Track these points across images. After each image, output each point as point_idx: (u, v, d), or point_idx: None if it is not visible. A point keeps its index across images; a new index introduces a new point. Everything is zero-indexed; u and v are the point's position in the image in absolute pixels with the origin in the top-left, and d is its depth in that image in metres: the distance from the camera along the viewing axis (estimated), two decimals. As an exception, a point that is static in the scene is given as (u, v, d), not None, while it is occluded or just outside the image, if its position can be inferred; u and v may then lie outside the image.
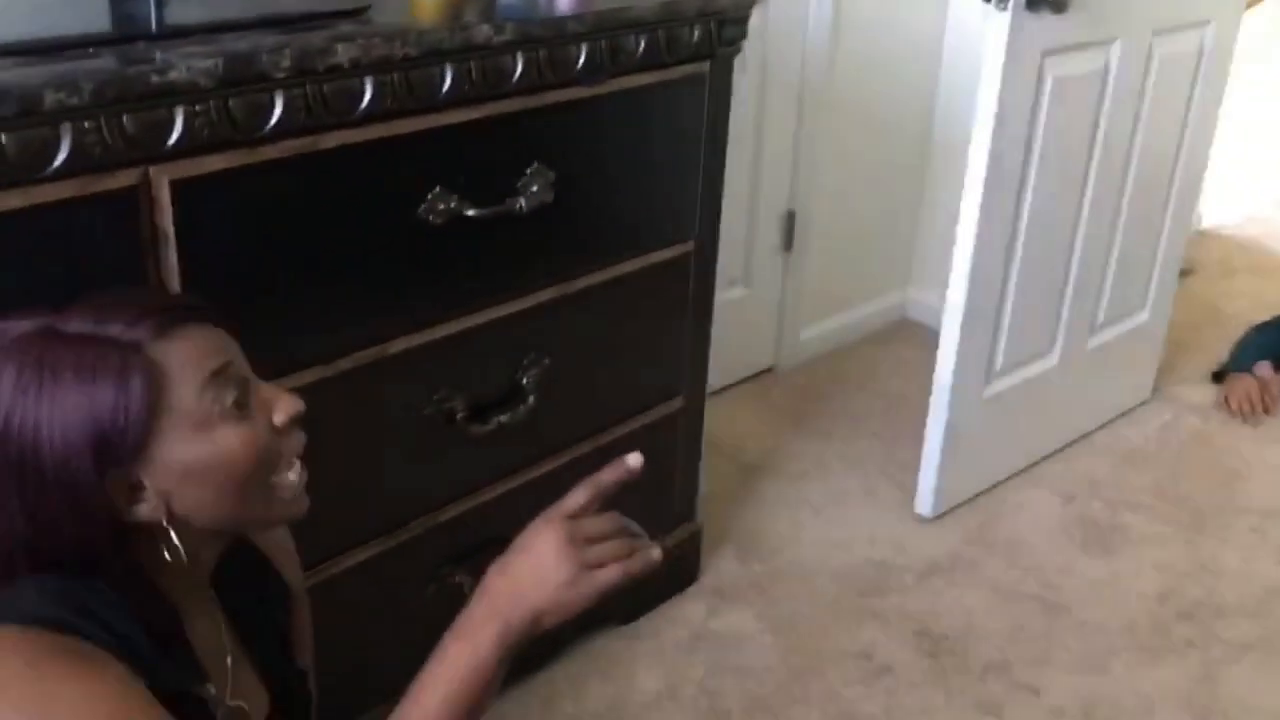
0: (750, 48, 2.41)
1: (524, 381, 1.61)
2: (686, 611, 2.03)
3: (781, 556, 2.19)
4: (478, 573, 1.64)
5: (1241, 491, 2.47)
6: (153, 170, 1.14)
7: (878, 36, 2.72)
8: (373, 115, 1.30)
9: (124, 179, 1.12)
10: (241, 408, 0.90)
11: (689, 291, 1.84)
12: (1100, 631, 2.04)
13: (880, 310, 3.10)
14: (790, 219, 2.73)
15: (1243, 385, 2.78)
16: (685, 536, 2.04)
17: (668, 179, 1.72)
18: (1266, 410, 2.74)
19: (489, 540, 1.67)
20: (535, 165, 1.50)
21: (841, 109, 2.71)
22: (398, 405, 1.47)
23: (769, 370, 2.87)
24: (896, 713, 1.84)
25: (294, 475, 0.96)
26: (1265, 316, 3.00)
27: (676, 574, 2.05)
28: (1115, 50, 2.20)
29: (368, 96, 1.29)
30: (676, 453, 1.96)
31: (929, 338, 2.78)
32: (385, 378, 1.44)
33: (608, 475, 0.95)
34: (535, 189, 1.49)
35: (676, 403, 1.91)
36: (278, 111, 1.20)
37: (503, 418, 1.58)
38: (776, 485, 2.41)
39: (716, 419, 2.60)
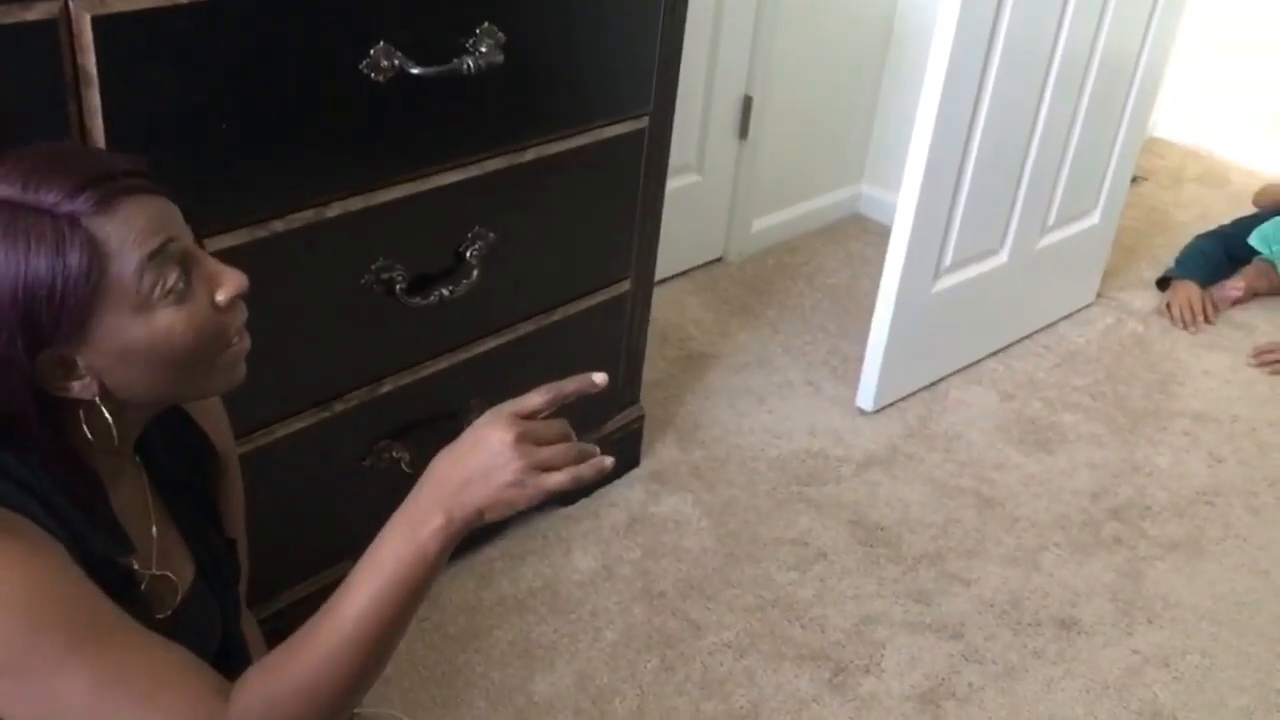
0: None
1: (468, 255, 1.56)
2: (626, 495, 2.03)
3: (722, 444, 2.19)
4: (415, 448, 1.63)
5: (1176, 396, 2.51)
6: (73, 4, 1.06)
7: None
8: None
9: (41, 10, 1.04)
10: (183, 287, 0.85)
11: (641, 169, 1.79)
12: (1032, 526, 2.07)
13: (833, 204, 3.07)
14: (747, 105, 2.67)
15: (1184, 293, 2.80)
16: (628, 421, 2.03)
17: (623, 47, 1.66)
18: (1207, 319, 2.77)
19: (428, 416, 1.65)
20: (485, 24, 1.43)
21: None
22: (334, 272, 1.43)
23: (719, 260, 2.84)
24: (828, 597, 1.87)
25: (234, 349, 0.92)
26: (1211, 226, 3.02)
27: (618, 458, 2.04)
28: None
29: (308, -58, 1.21)
30: (623, 337, 1.94)
31: (881, 233, 2.77)
32: (321, 242, 1.38)
33: (570, 385, 0.92)
34: (484, 49, 1.43)
35: (624, 286, 1.88)
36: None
37: (444, 291, 1.54)
38: (721, 374, 2.41)
39: (664, 307, 2.59)
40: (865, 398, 2.32)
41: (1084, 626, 1.86)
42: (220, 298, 0.88)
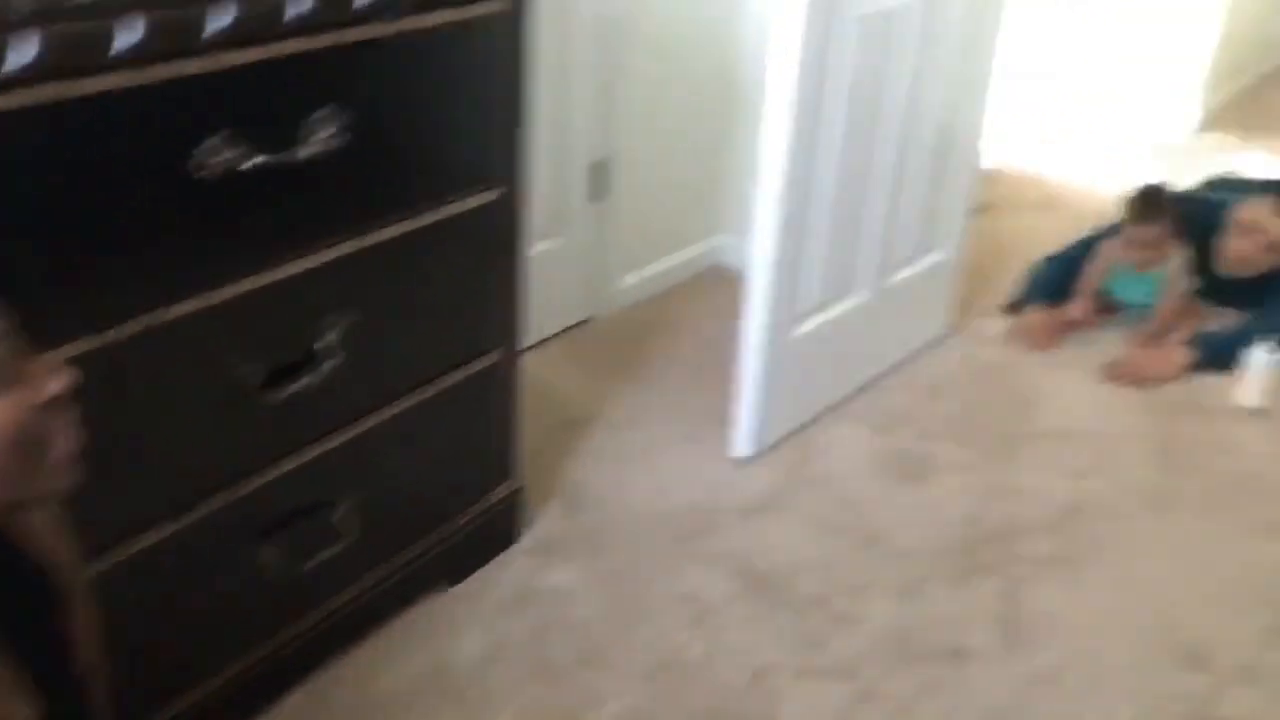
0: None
1: (324, 343, 1.52)
2: (511, 570, 2.00)
3: (607, 507, 2.18)
4: (287, 546, 1.58)
5: (1035, 417, 2.59)
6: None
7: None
8: (127, 59, 1.19)
9: None
10: (2, 385, 0.81)
11: (498, 240, 1.78)
12: (913, 557, 2.11)
13: (696, 256, 3.11)
14: (600, 167, 2.70)
15: (1035, 315, 2.91)
16: (506, 494, 2.00)
17: (468, 123, 1.66)
18: (1056, 340, 2.88)
19: (299, 511, 1.60)
20: (322, 111, 1.40)
21: (647, 51, 2.68)
22: (182, 375, 1.37)
23: (587, 321, 2.84)
24: (722, 652, 1.86)
25: (60, 452, 0.87)
26: (1052, 249, 3.15)
27: (499, 533, 2.02)
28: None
29: (120, 39, 1.17)
30: (493, 409, 1.91)
31: (741, 282, 2.80)
32: (165, 346, 1.33)
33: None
34: (322, 136, 1.40)
35: (491, 358, 1.86)
36: (17, 55, 1.08)
37: (302, 382, 1.50)
38: (599, 436, 2.40)
39: (538, 372, 2.56)
40: (741, 446, 2.34)
41: (972, 653, 1.89)
42: (44, 396, 0.84)
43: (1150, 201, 2.89)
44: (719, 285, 3.06)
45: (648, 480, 2.27)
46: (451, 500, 1.90)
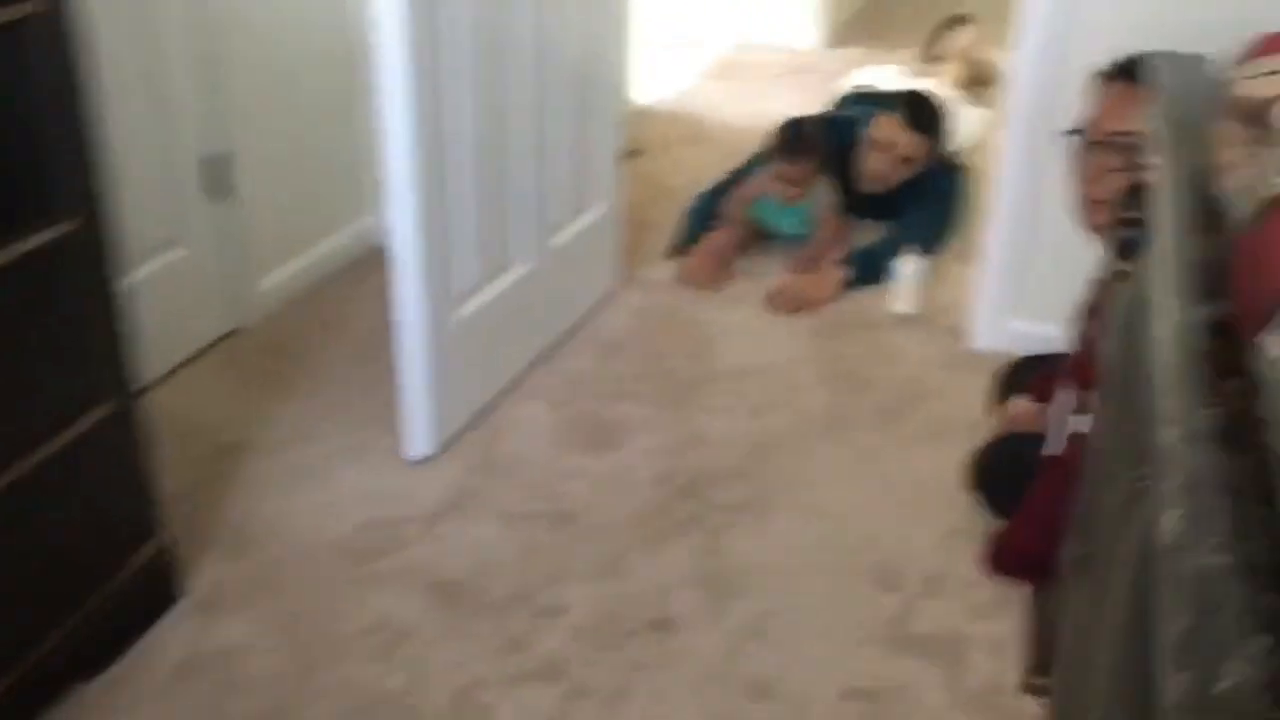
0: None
1: None
2: (172, 636, 1.78)
3: (275, 542, 1.98)
4: None
5: (714, 357, 2.59)
6: None
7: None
8: None
9: None
10: None
11: (81, 278, 1.54)
12: (609, 531, 2.05)
13: (347, 242, 2.90)
14: (218, 165, 2.43)
15: (697, 256, 2.91)
16: (152, 555, 1.77)
17: (11, 149, 1.40)
18: (722, 276, 2.90)
19: None
20: None
21: (251, 35, 2.44)
22: None
23: (232, 334, 2.59)
24: (421, 677, 1.73)
25: None
26: (706, 185, 3.17)
27: (151, 599, 1.78)
28: (512, -57, 2.12)
29: None
30: (119, 466, 1.68)
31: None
32: None
33: None
34: None
35: (101, 410, 1.62)
36: None
37: None
38: (260, 461, 2.18)
39: (182, 400, 2.32)
40: (416, 446, 2.19)
41: (678, 622, 1.85)
42: None
43: (797, 137, 2.94)
44: (379, 267, 2.87)
45: (318, 502, 2.08)
46: (85, 577, 1.66)
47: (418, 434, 2.18)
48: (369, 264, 2.84)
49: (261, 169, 2.54)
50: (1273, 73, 1.21)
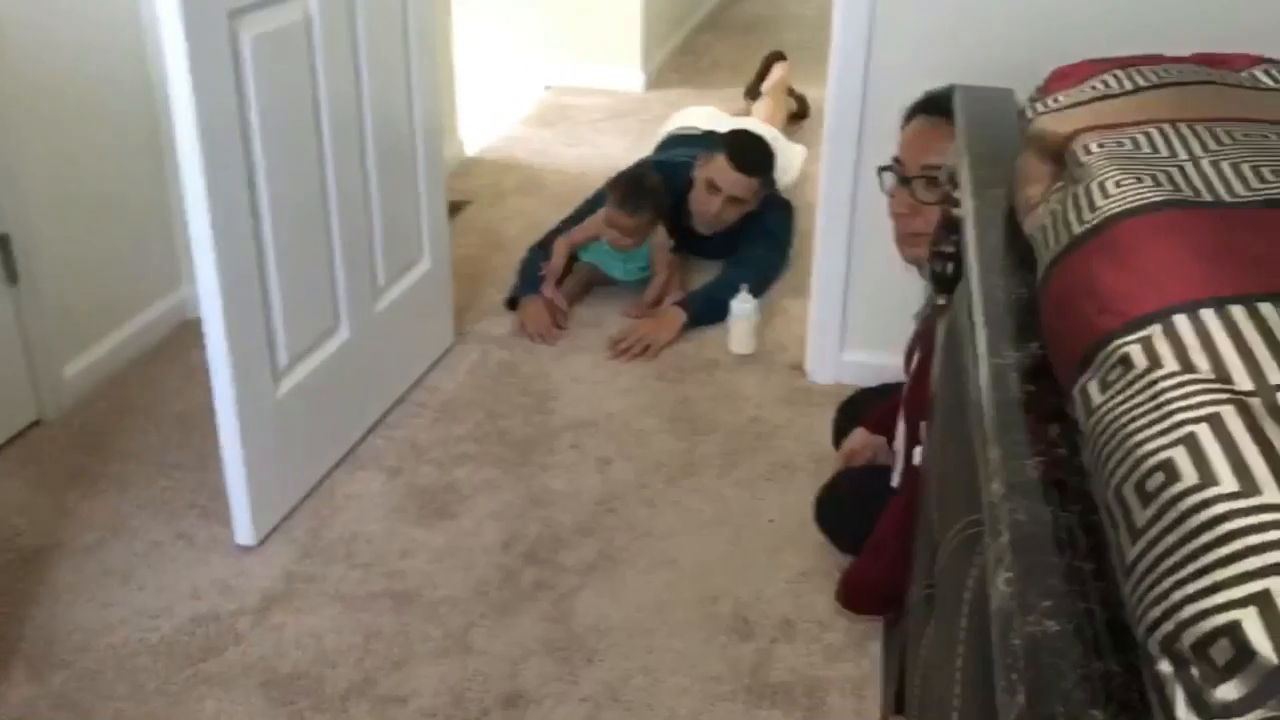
0: None
1: None
2: (-29, 773, 1.61)
3: (90, 653, 1.83)
4: None
5: (554, 412, 2.53)
6: None
7: (56, 18, 2.32)
8: None
9: None
10: None
11: None
12: (454, 606, 1.96)
13: (157, 318, 2.74)
14: (3, 244, 2.26)
15: (534, 308, 2.86)
16: (-59, 684, 1.60)
17: None
18: (559, 326, 2.85)
19: None
20: None
21: (40, 108, 2.30)
22: None
23: (35, 425, 2.40)
24: (260, 788, 1.61)
25: None
26: (540, 234, 3.12)
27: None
28: (313, 1, 2.04)
29: None
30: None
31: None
32: None
33: None
34: None
35: None
36: None
37: None
38: (70, 565, 2.02)
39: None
40: (243, 532, 2.06)
41: (530, 695, 1.78)
42: None
43: (637, 191, 2.91)
44: (194, 342, 2.72)
45: (137, 603, 1.93)
46: None
47: (243, 519, 2.05)
48: (182, 340, 2.70)
49: (53, 248, 2.38)
50: (1071, 106, 1.22)
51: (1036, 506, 0.71)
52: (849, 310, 2.57)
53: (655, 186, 2.94)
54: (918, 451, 1.66)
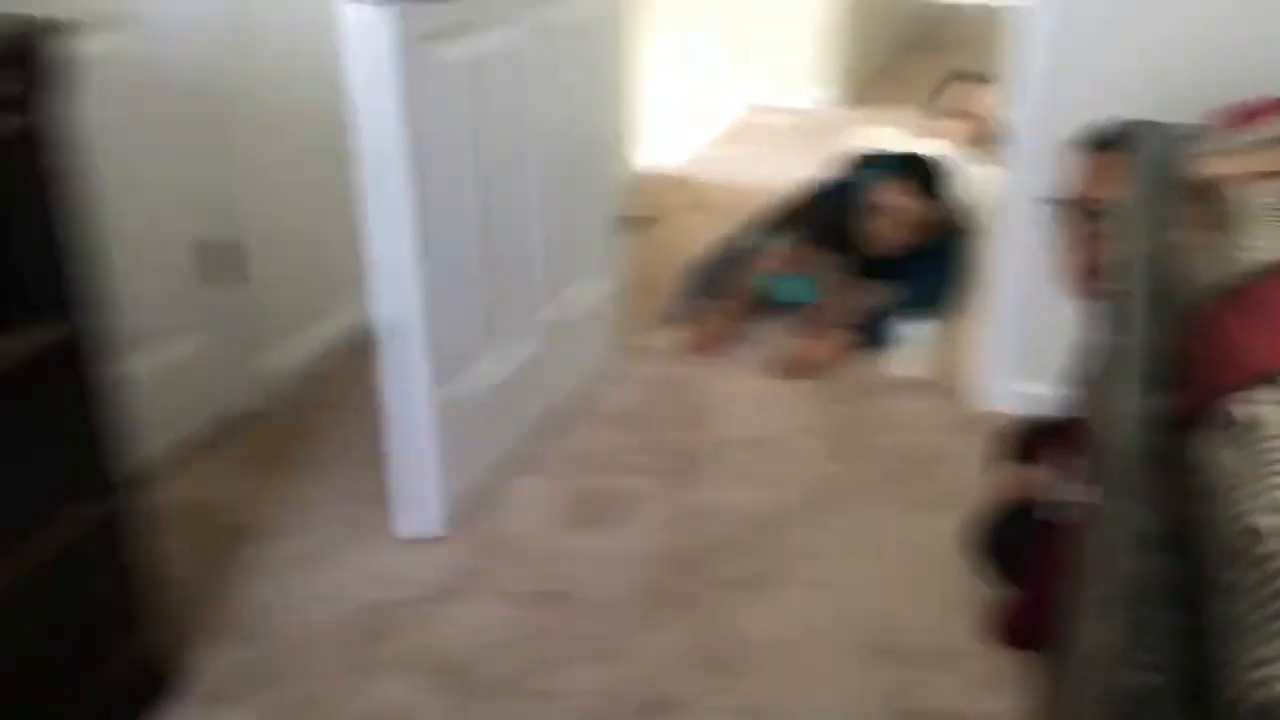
0: (129, 72, 2.14)
1: None
2: (171, 730, 1.78)
3: (277, 629, 1.99)
4: None
5: (718, 427, 2.59)
6: None
7: (274, 39, 2.52)
8: None
9: None
10: None
11: (79, 374, 1.56)
12: (610, 610, 2.03)
13: (354, 321, 2.93)
14: (225, 250, 2.48)
15: (700, 323, 2.92)
16: (150, 645, 1.77)
17: (11, 257, 1.43)
18: (725, 342, 2.90)
19: None
20: None
21: (269, 123, 2.52)
22: None
23: (245, 414, 2.61)
24: (421, 767, 1.72)
25: None
26: (711, 251, 3.18)
27: (144, 695, 1.78)
28: (495, 31, 2.16)
29: None
30: (118, 555, 1.69)
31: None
32: None
33: None
34: None
35: (102, 502, 1.64)
36: None
37: None
38: (262, 546, 2.19)
39: (190, 484, 2.35)
40: (419, 526, 2.19)
41: (678, 703, 1.83)
42: None
43: (810, 216, 2.95)
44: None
45: (320, 586, 2.09)
46: (80, 670, 1.66)
47: (420, 514, 2.18)
48: (371, 343, 2.87)
49: (263, 255, 2.59)
50: (1242, 149, 1.21)
51: (1149, 557, 0.73)
52: (1020, 339, 2.54)
53: (831, 214, 2.96)
54: (1076, 488, 1.64)
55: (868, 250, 3.08)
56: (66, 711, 1.64)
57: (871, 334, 2.87)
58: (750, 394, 2.72)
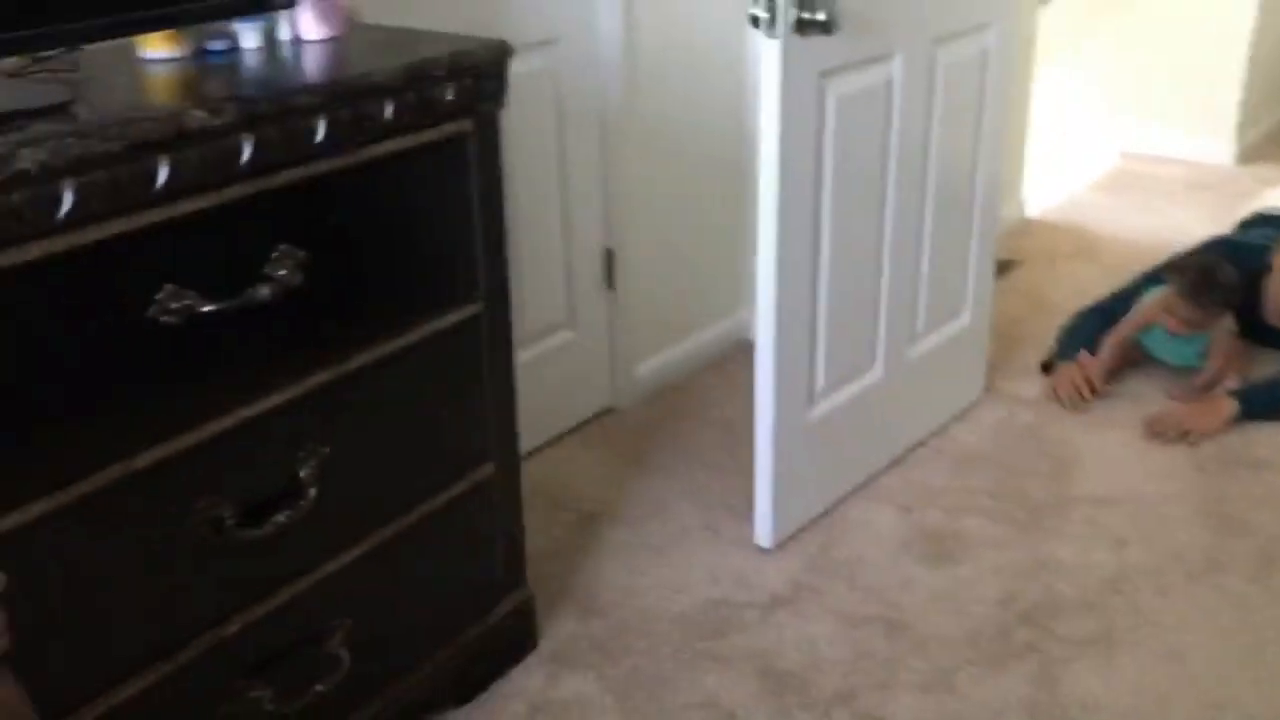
0: (543, 88, 2.39)
1: (301, 475, 1.52)
2: (524, 682, 1.96)
3: (622, 609, 2.13)
4: (278, 683, 1.56)
5: (1075, 482, 2.50)
6: None
7: (675, 64, 2.70)
8: (78, 220, 1.20)
9: None
10: None
11: (482, 353, 1.77)
12: (943, 646, 2.02)
13: (716, 336, 3.08)
14: (609, 256, 2.69)
15: (1068, 374, 2.82)
16: (514, 605, 1.96)
17: (439, 243, 1.65)
18: (1094, 393, 2.78)
19: (288, 646, 1.58)
20: (282, 248, 1.41)
21: (649, 139, 2.69)
22: (153, 522, 1.37)
23: (608, 411, 2.81)
24: (743, 761, 1.80)
25: None
26: (1088, 302, 3.06)
27: (508, 646, 1.98)
28: (897, 64, 2.21)
29: (68, 202, 1.19)
30: (494, 521, 1.89)
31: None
32: (133, 495, 1.33)
33: None
34: (283, 273, 1.41)
35: (486, 470, 1.84)
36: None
37: (280, 517, 1.48)
38: (617, 532, 2.36)
39: (555, 468, 2.55)
40: (762, 535, 2.28)
41: (1005, 749, 1.80)
42: None
43: (1203, 280, 2.77)
44: (746, 362, 3.01)
45: (666, 577, 2.22)
46: (454, 618, 1.87)
47: (764, 524, 2.26)
48: (736, 358, 3.00)
49: (644, 263, 2.77)
50: None
51: None
52: None
53: (1228, 280, 2.76)
54: None
55: (1267, 316, 2.85)
56: (448, 651, 1.85)
57: (1262, 405, 2.66)
58: (1114, 452, 2.60)
